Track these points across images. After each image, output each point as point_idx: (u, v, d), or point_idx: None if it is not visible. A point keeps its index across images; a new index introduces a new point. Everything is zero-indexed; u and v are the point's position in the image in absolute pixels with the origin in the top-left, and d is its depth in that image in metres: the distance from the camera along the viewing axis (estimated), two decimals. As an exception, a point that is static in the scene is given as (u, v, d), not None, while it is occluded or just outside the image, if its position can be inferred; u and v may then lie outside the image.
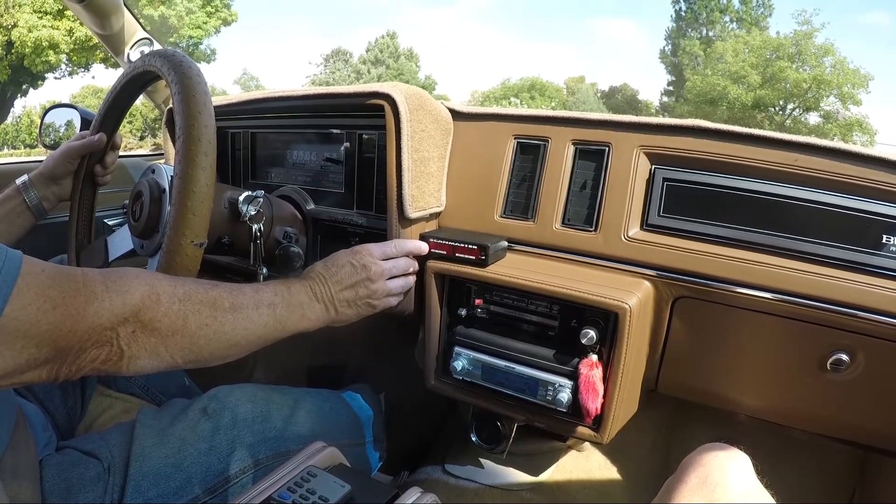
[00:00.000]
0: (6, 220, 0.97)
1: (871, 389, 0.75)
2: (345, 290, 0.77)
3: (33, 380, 0.53)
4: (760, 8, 26.06)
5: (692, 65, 26.02)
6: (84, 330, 0.53)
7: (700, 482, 0.51)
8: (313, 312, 0.74)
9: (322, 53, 49.51)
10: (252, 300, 0.68)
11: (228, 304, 0.65)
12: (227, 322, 0.64)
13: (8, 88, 18.01)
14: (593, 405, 0.76)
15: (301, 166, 1.09)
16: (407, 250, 0.85)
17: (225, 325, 0.64)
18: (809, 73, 21.87)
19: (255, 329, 0.67)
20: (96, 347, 0.55)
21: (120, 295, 0.56)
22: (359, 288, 0.79)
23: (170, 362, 0.60)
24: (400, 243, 0.85)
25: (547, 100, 32.45)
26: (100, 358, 0.55)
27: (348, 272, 0.78)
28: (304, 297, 0.74)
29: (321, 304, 0.75)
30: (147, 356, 0.58)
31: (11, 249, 0.51)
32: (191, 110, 0.69)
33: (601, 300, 0.75)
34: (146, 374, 0.61)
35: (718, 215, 0.77)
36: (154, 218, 0.82)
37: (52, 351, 0.52)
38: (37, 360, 0.51)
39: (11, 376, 0.51)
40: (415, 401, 1.16)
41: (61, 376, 0.54)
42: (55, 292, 0.51)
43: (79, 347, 0.54)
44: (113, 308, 0.55)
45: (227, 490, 0.74)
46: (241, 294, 0.67)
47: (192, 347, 0.62)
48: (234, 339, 0.65)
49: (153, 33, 1.53)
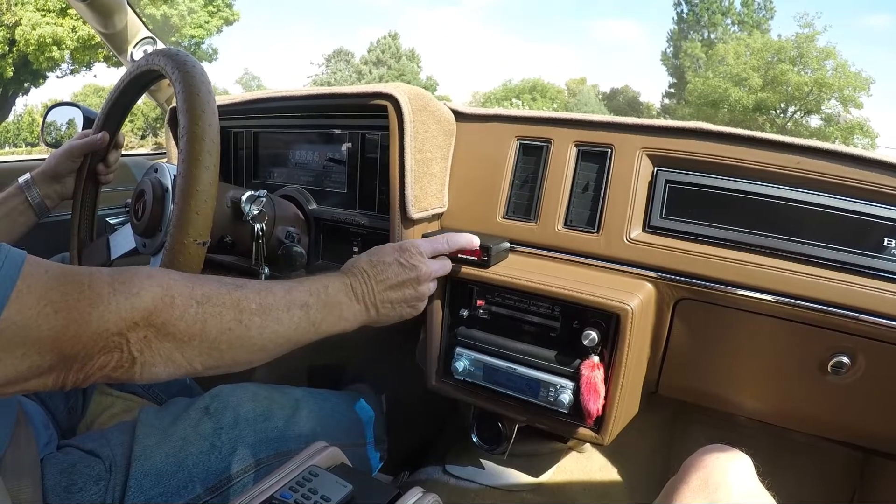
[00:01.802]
0: (8, 219, 0.98)
1: (871, 392, 0.75)
2: (389, 291, 0.72)
3: (38, 388, 0.49)
4: (762, 10, 26.09)
5: (693, 67, 26.03)
6: (89, 335, 0.49)
7: (702, 483, 0.51)
8: (352, 313, 0.69)
9: (324, 54, 49.57)
10: (283, 300, 0.63)
11: (255, 306, 0.60)
12: (253, 326, 0.59)
13: (10, 86, 18.01)
14: (594, 406, 0.76)
15: (303, 166, 1.10)
16: (459, 245, 0.80)
17: (251, 329, 0.59)
18: (811, 75, 21.87)
19: (285, 332, 0.62)
20: (104, 354, 0.51)
21: (128, 298, 0.52)
22: (405, 289, 0.73)
23: (188, 369, 0.56)
24: (452, 238, 0.79)
25: (548, 101, 32.46)
26: (109, 365, 0.51)
27: (395, 271, 0.72)
28: (343, 296, 0.69)
29: (361, 305, 0.70)
30: (162, 363, 0.54)
31: (14, 248, 0.48)
32: (194, 109, 0.69)
33: (603, 301, 0.75)
34: (162, 381, 0.56)
35: (720, 217, 0.77)
36: (157, 217, 0.82)
37: (55, 358, 0.48)
38: (40, 367, 0.48)
39: (14, 384, 0.48)
40: (416, 401, 1.16)
41: (69, 384, 0.51)
42: (57, 295, 0.48)
43: (85, 354, 0.50)
44: (120, 312, 0.51)
45: (228, 489, 0.74)
46: (271, 294, 0.62)
47: (212, 353, 0.57)
48: (261, 343, 0.60)
49: (155, 32, 1.54)
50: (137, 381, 0.54)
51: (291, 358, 0.71)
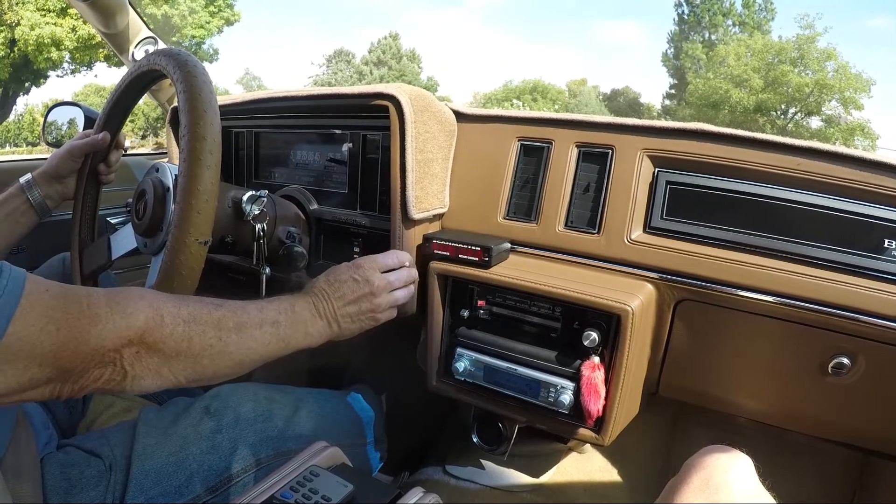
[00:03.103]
0: (9, 219, 0.98)
1: (871, 393, 0.75)
2: (347, 306, 0.76)
3: (36, 398, 0.53)
4: (763, 12, 26.07)
5: (694, 68, 26.03)
6: (87, 351, 0.53)
7: (702, 484, 0.51)
8: (316, 329, 0.74)
9: (324, 54, 49.55)
10: (256, 319, 0.67)
11: (233, 324, 0.65)
12: (231, 342, 0.64)
13: (10, 86, 18.02)
14: (595, 407, 0.76)
15: (304, 166, 1.10)
16: (400, 261, 0.84)
17: (229, 346, 0.64)
18: (812, 77, 21.86)
19: (259, 348, 0.67)
20: (99, 368, 0.55)
21: (124, 317, 0.55)
22: (362, 302, 0.77)
23: (173, 382, 0.60)
24: (399, 254, 0.84)
25: (549, 102, 32.47)
26: (103, 378, 0.55)
27: (350, 287, 0.77)
28: (308, 314, 0.73)
29: (324, 321, 0.74)
30: (151, 376, 0.58)
31: (16, 268, 0.51)
32: (196, 109, 0.69)
33: (603, 302, 0.75)
34: (149, 392, 0.60)
35: (721, 218, 0.77)
36: (158, 216, 0.82)
37: (54, 371, 0.52)
38: (39, 379, 0.51)
39: (14, 394, 0.50)
40: (416, 401, 1.16)
41: (64, 395, 0.54)
42: (59, 313, 0.51)
43: (82, 368, 0.53)
44: (117, 330, 0.55)
45: (228, 489, 0.74)
46: (245, 313, 0.67)
47: (195, 367, 0.61)
48: (238, 357, 0.65)
49: (156, 32, 1.54)
50: (127, 392, 0.58)
51: (292, 358, 0.71)
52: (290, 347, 0.71)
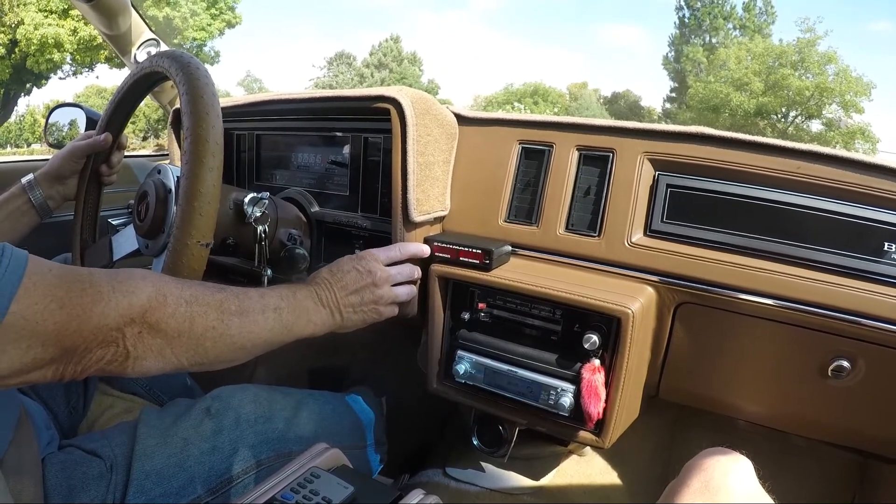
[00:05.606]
0: (11, 219, 0.98)
1: (871, 396, 0.75)
2: (350, 296, 0.77)
3: (38, 379, 0.53)
4: (763, 15, 26.13)
5: (695, 71, 26.08)
6: (90, 330, 0.53)
7: (703, 486, 0.51)
8: (319, 317, 0.74)
9: (325, 56, 49.65)
10: (258, 304, 0.68)
11: (235, 308, 0.65)
12: (233, 325, 0.64)
13: (12, 87, 18.04)
14: (595, 410, 0.76)
15: (306, 169, 1.10)
16: (410, 253, 0.85)
17: (231, 329, 0.64)
18: (812, 80, 21.89)
19: (261, 333, 0.67)
20: (102, 347, 0.55)
21: (126, 296, 0.56)
22: (364, 293, 0.78)
23: (175, 364, 0.60)
24: (403, 246, 0.85)
25: (550, 105, 32.52)
26: (105, 358, 0.55)
27: (353, 277, 0.78)
28: (310, 302, 0.74)
29: (326, 310, 0.75)
30: (153, 357, 0.58)
31: (17, 248, 0.51)
32: (198, 111, 0.70)
33: (604, 305, 0.75)
34: (151, 375, 0.60)
35: (721, 222, 0.77)
36: (159, 218, 0.83)
37: (57, 350, 0.52)
38: (42, 359, 0.51)
39: (17, 375, 0.51)
40: (416, 404, 1.16)
41: (67, 376, 0.54)
42: (62, 292, 0.51)
43: (84, 347, 0.53)
44: (119, 309, 0.55)
45: (229, 490, 0.74)
46: (248, 298, 0.67)
47: (197, 349, 0.61)
48: (240, 342, 0.65)
49: (158, 34, 1.54)
50: (129, 374, 0.58)
51: (292, 360, 0.71)
52: (293, 335, 0.71)
